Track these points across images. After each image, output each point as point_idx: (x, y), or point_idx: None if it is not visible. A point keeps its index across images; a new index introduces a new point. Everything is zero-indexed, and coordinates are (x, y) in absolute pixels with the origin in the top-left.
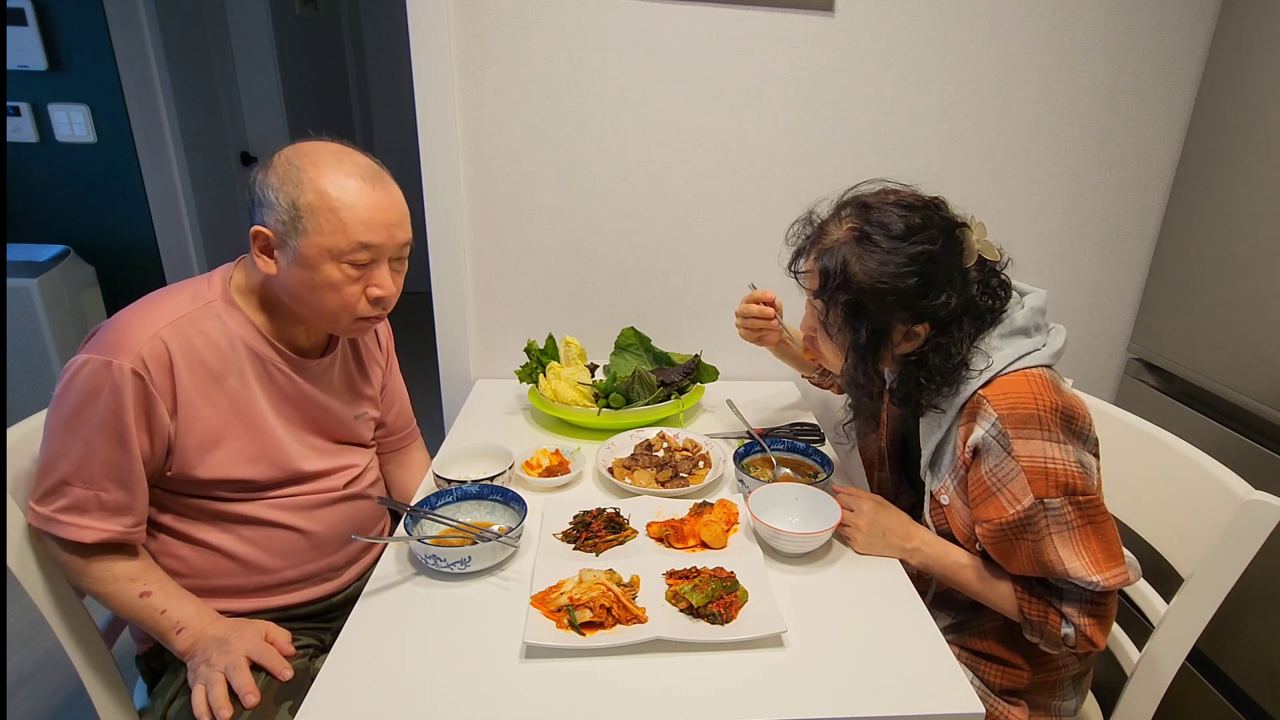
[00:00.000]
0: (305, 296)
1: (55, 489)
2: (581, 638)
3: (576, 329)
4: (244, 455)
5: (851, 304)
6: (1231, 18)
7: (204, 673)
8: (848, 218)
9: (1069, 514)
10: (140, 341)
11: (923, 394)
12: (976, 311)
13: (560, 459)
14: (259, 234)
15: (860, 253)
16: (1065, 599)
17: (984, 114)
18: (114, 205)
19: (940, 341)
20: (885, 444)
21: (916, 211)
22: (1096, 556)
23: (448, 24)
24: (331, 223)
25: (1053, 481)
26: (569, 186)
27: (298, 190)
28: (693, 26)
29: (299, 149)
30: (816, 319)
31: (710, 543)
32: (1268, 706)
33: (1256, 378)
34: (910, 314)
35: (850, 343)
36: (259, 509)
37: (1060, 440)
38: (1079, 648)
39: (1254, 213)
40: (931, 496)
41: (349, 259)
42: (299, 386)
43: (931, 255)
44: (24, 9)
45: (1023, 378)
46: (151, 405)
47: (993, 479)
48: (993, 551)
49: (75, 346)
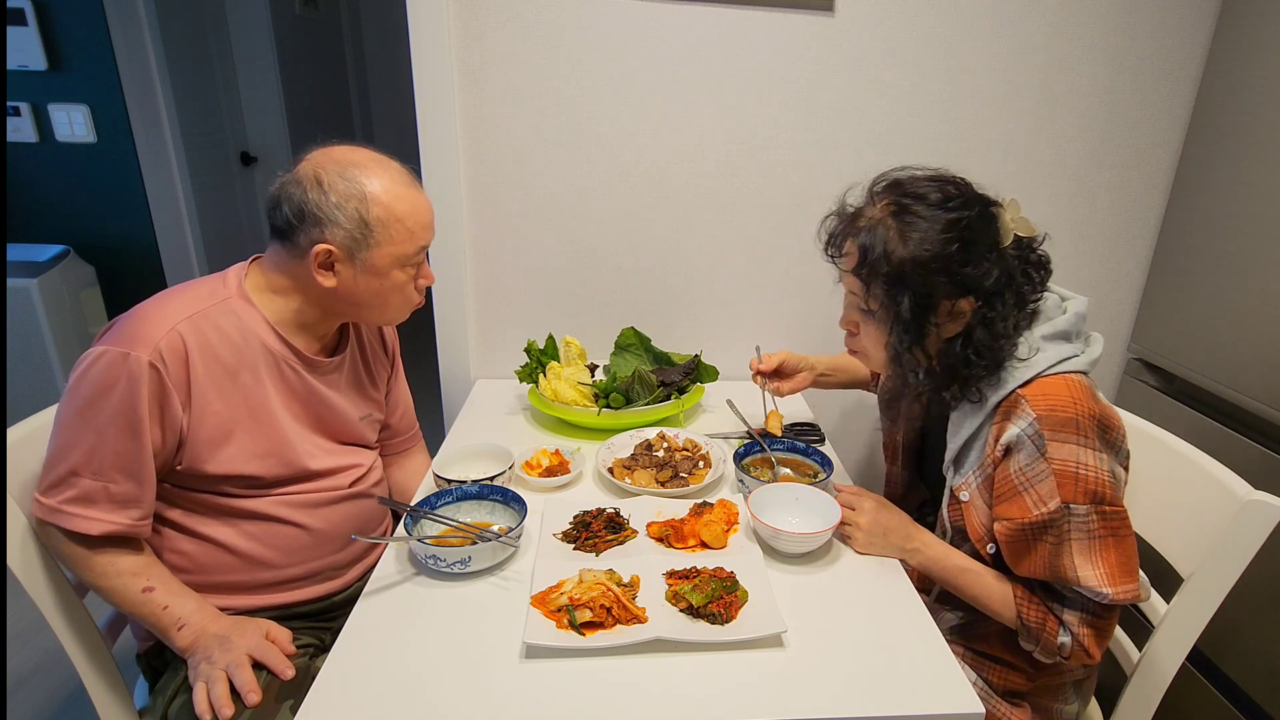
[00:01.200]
0: (371, 301)
1: (63, 480)
2: (581, 638)
3: (576, 329)
4: (253, 451)
5: (893, 277)
6: (1231, 18)
7: (205, 670)
8: (882, 197)
9: (1093, 522)
10: (158, 334)
11: (971, 371)
12: (1018, 288)
13: (560, 459)
14: (323, 251)
15: (899, 225)
16: (1068, 606)
17: (984, 114)
18: (114, 205)
19: (987, 315)
20: (903, 440)
21: (949, 183)
22: (1112, 569)
23: (448, 24)
24: (400, 232)
25: (1082, 488)
26: (569, 186)
27: (364, 205)
28: (693, 26)
29: (335, 158)
30: (856, 306)
31: (710, 543)
32: (1268, 706)
33: (1256, 378)
34: (953, 285)
35: (893, 319)
36: (265, 505)
37: (1095, 448)
38: (1074, 658)
39: (1254, 213)
40: (951, 493)
41: (412, 262)
42: (310, 385)
43: (969, 222)
44: (24, 9)
45: (1063, 382)
46: (166, 398)
47: (1021, 477)
48: (1007, 550)
49: (75, 346)
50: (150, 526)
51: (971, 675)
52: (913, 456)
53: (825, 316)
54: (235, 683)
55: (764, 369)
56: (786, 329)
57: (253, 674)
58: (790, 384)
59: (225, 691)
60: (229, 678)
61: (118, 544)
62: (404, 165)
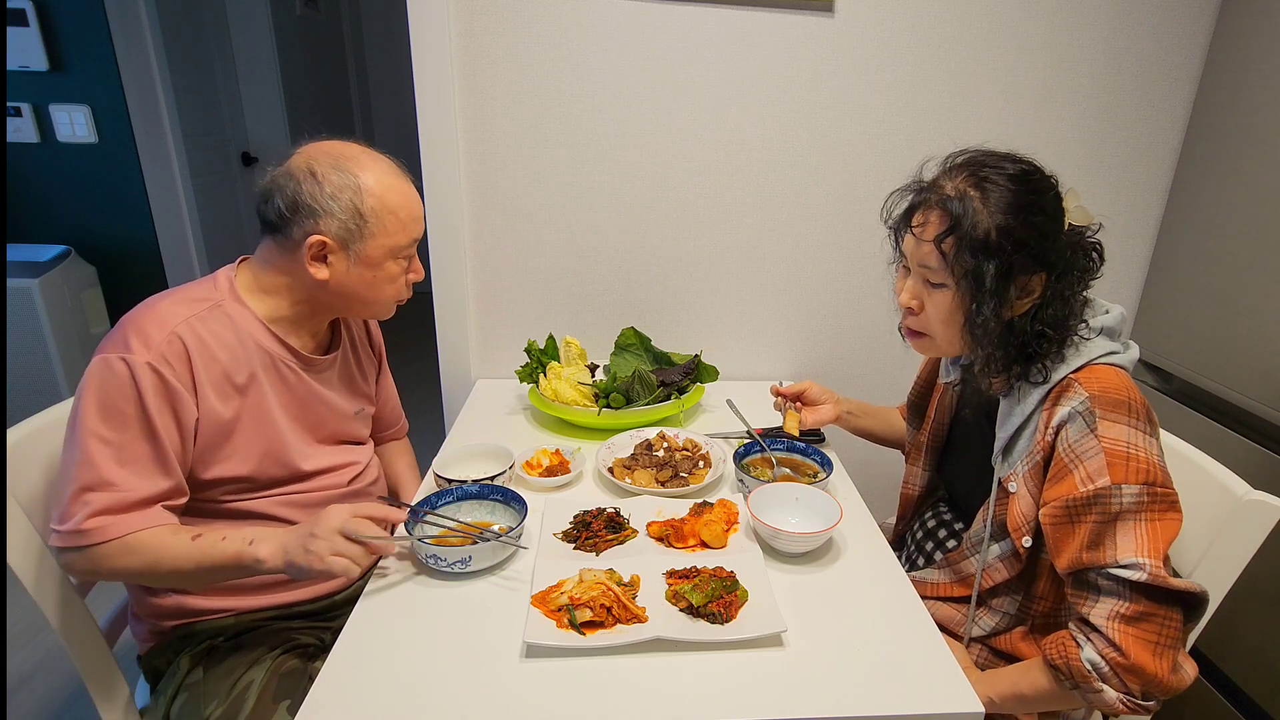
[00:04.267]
0: (363, 293)
1: (77, 497)
2: (581, 637)
3: (576, 329)
4: (253, 454)
5: (982, 242)
6: (1231, 18)
7: (315, 549)
8: (959, 171)
9: (1144, 500)
10: (158, 339)
11: (1041, 348)
12: (1081, 268)
13: (560, 459)
14: (316, 243)
15: (984, 195)
16: (1101, 598)
17: (984, 114)
18: (115, 205)
19: (1059, 289)
20: (928, 440)
21: (1023, 162)
22: (1158, 545)
23: (448, 24)
24: (393, 223)
25: (1133, 468)
26: (569, 186)
27: (358, 196)
28: (693, 26)
29: (327, 151)
30: (928, 280)
31: (710, 542)
32: (1268, 706)
33: (1256, 378)
34: (1031, 258)
35: (974, 289)
36: (263, 505)
37: (1146, 432)
38: (1117, 675)
39: (1253, 213)
40: (1000, 484)
41: (404, 253)
42: (307, 384)
43: (1047, 199)
44: (25, 9)
45: (1114, 370)
46: (175, 397)
47: (1070, 454)
48: (1050, 535)
49: (76, 347)
50: (181, 509)
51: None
52: (934, 457)
53: (825, 316)
54: (360, 538)
55: (785, 392)
56: (786, 329)
57: (370, 526)
58: (814, 414)
59: (355, 549)
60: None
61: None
62: (393, 158)
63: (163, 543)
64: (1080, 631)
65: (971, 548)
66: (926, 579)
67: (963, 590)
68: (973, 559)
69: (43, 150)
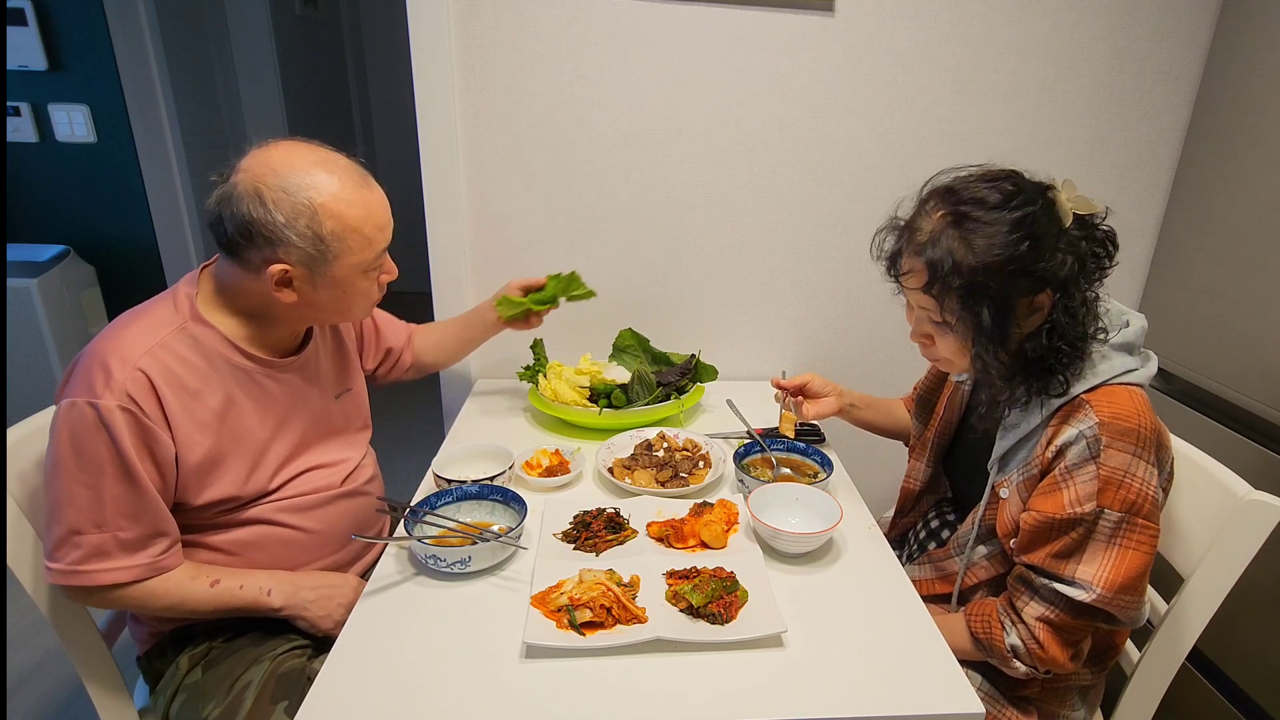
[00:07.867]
0: (335, 308)
1: (65, 540)
2: (581, 638)
3: (574, 329)
4: (241, 473)
5: (968, 288)
6: (1231, 18)
7: (332, 614)
8: (935, 208)
9: (1122, 529)
10: (122, 377)
11: (1058, 360)
12: (1089, 267)
13: (560, 459)
14: (279, 271)
15: (963, 234)
16: (1034, 599)
17: (984, 114)
18: (114, 205)
19: (1067, 304)
20: (934, 437)
21: (1003, 180)
22: (1116, 576)
23: (448, 24)
24: (357, 240)
25: (1122, 495)
26: (569, 186)
27: (315, 220)
28: (693, 27)
29: (273, 167)
30: (930, 319)
31: (710, 543)
32: (1268, 706)
33: (1256, 378)
34: (1031, 281)
35: (974, 328)
36: (259, 511)
37: (1149, 461)
38: (1033, 660)
39: (1254, 213)
40: (992, 490)
41: (373, 266)
42: (287, 387)
43: (1035, 216)
44: (24, 9)
45: (1126, 392)
46: (149, 435)
47: (1064, 474)
48: (1025, 535)
49: (75, 347)
50: (181, 554)
51: (978, 679)
52: (939, 454)
53: (825, 316)
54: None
55: (786, 385)
56: (786, 329)
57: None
58: (816, 407)
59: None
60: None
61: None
62: (351, 159)
63: (182, 589)
64: (1008, 616)
65: (958, 547)
66: (908, 574)
67: (944, 587)
68: (957, 558)
69: (42, 150)
